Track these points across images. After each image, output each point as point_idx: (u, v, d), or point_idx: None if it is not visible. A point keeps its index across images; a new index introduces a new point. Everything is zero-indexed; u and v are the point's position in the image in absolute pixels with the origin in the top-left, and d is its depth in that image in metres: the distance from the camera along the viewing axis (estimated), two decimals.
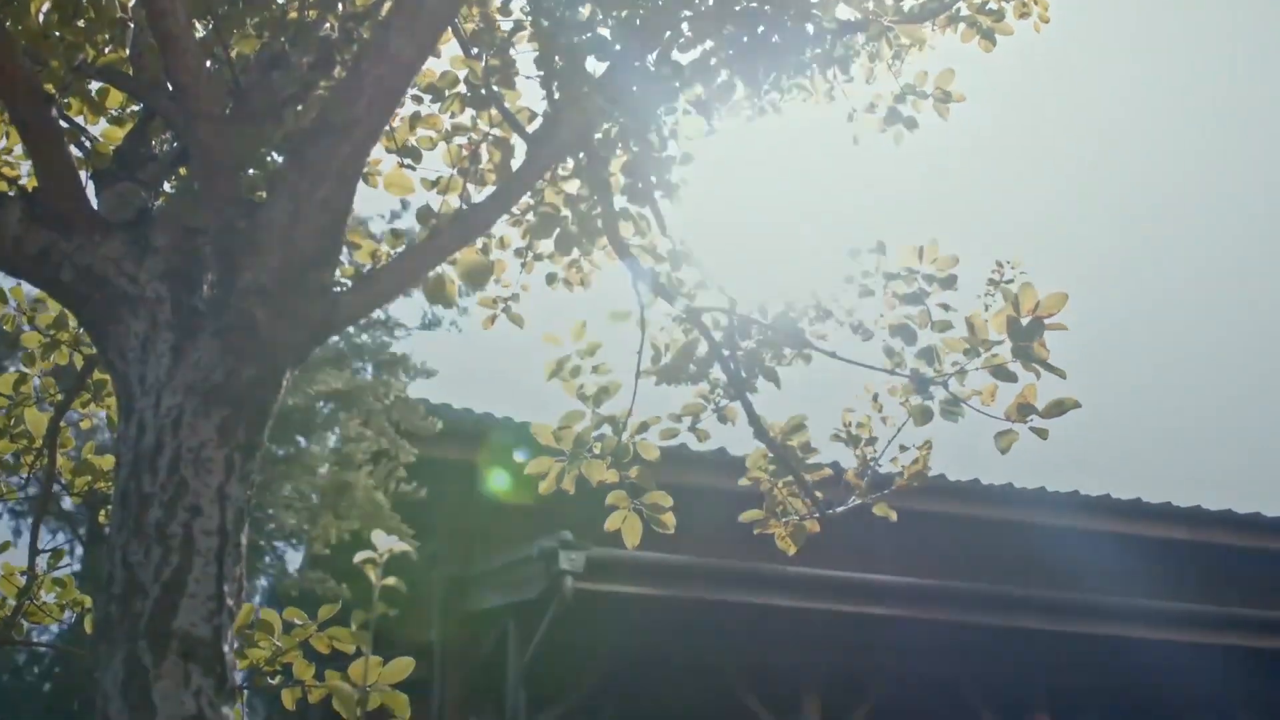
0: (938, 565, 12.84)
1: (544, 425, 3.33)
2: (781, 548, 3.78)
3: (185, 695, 1.66)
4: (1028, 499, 13.34)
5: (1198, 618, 11.45)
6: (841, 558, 11.83)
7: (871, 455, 3.58)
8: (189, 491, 1.80)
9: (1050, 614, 10.89)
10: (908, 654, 11.03)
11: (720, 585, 9.77)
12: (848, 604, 10.13)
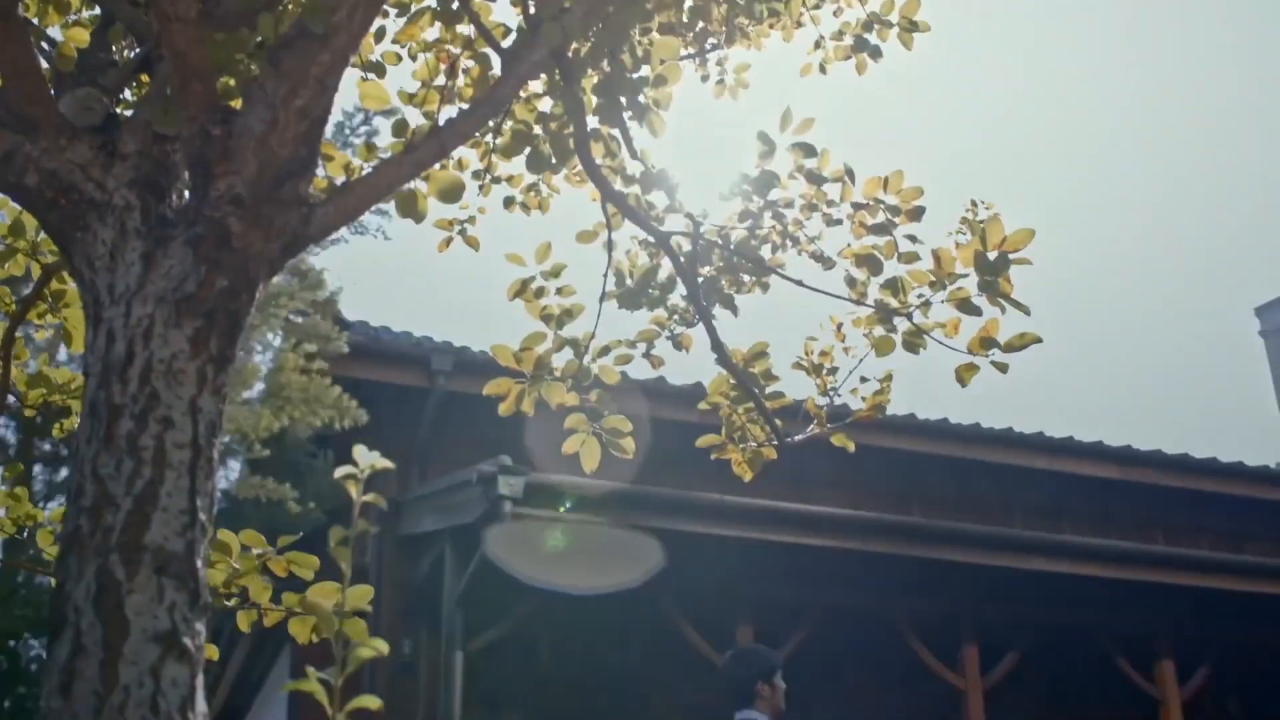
0: (872, 498, 12.96)
1: (504, 346, 3.29)
2: (738, 474, 3.78)
3: (159, 610, 1.63)
4: (963, 434, 13.47)
5: (1124, 554, 11.62)
6: (778, 488, 11.92)
7: (832, 385, 3.58)
8: (161, 403, 1.76)
9: (981, 548, 11.01)
10: (842, 584, 11.13)
11: (657, 512, 9.79)
12: (784, 534, 10.19)
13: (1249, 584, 12.00)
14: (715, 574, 10.71)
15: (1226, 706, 14.49)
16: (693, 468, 12.19)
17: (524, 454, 9.76)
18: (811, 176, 3.30)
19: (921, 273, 3.20)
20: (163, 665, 1.58)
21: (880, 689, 13.26)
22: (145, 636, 1.59)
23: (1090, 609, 12.14)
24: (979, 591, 11.63)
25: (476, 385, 11.78)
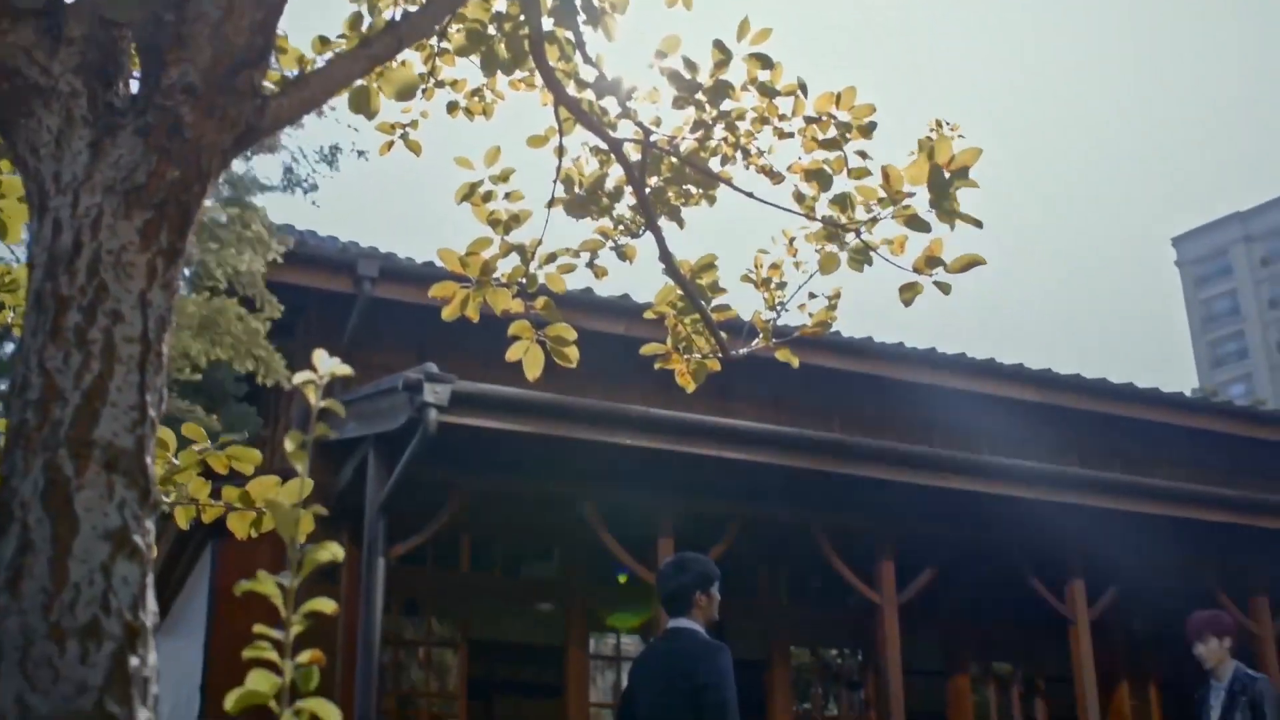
0: (795, 414, 13.04)
1: (450, 250, 3.24)
2: (681, 384, 3.76)
3: (109, 507, 1.59)
4: (886, 354, 13.56)
5: (1040, 476, 11.77)
6: (702, 402, 11.96)
7: (780, 300, 3.56)
8: (109, 296, 1.71)
9: (901, 466, 11.12)
10: (763, 498, 11.22)
11: (582, 423, 9.79)
12: (707, 447, 10.23)
13: (1159, 507, 12.23)
14: (638, 485, 10.75)
15: (1132, 626, 14.81)
16: (618, 380, 12.22)
17: (448, 362, 9.71)
18: (764, 89, 3.26)
19: (870, 189, 3.18)
20: (113, 563, 1.55)
21: (798, 603, 13.43)
22: (95, 534, 1.55)
23: (1005, 529, 12.31)
24: (897, 509, 11.76)
25: (403, 292, 11.71)
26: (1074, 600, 12.39)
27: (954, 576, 13.40)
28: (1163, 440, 15.30)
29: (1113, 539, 12.77)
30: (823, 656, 13.96)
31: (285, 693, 1.56)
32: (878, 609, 11.50)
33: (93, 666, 1.46)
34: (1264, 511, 12.85)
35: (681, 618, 6.26)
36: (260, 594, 1.60)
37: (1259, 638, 13.23)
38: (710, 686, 5.90)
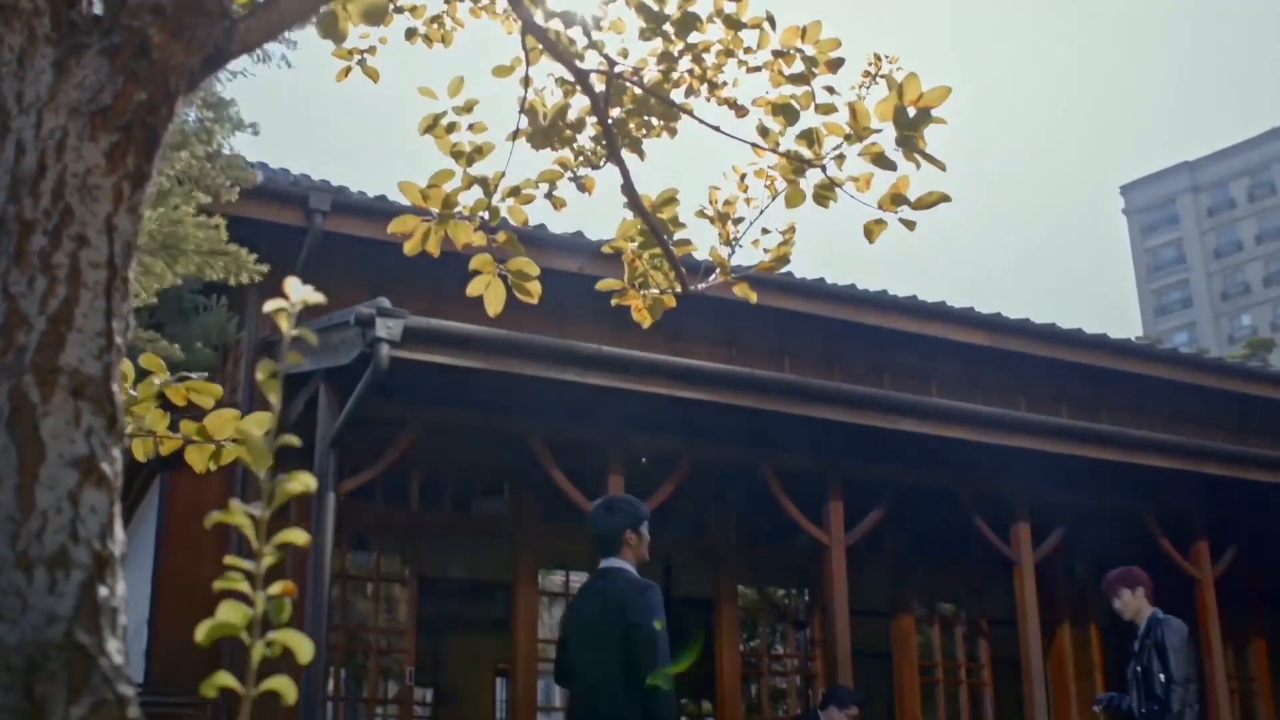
0: (745, 354, 13.06)
1: (411, 183, 3.19)
2: (637, 319, 3.74)
3: (76, 434, 1.56)
4: (837, 295, 13.59)
5: (988, 419, 11.86)
6: (653, 341, 11.95)
7: (735, 235, 3.55)
8: (75, 220, 1.67)
9: (850, 406, 11.16)
10: (712, 437, 11.25)
11: (534, 359, 9.77)
12: (658, 385, 10.23)
13: (1103, 452, 12.34)
14: (589, 422, 10.76)
15: (1075, 568, 14.98)
16: (571, 317, 12.20)
17: (400, 297, 9.66)
18: (731, 21, 3.23)
19: (837, 125, 3.16)
20: (81, 491, 1.52)
21: (746, 542, 13.50)
22: (62, 461, 1.52)
23: (953, 471, 12.41)
24: (846, 450, 11.82)
25: (354, 226, 11.61)
26: (1019, 542, 12.52)
27: (901, 518, 13.51)
28: (1108, 386, 15.43)
29: (1058, 482, 12.90)
30: (770, 596, 14.06)
31: (257, 624, 1.54)
32: (825, 549, 11.57)
33: (61, 596, 1.44)
34: (1205, 457, 13.01)
35: (613, 557, 6.35)
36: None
37: (1199, 581, 13.42)
38: (640, 624, 5.97)
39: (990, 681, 14.27)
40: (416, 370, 9.43)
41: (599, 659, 6.11)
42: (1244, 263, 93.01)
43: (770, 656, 13.92)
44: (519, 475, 11.93)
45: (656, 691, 5.92)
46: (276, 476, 1.66)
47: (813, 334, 13.67)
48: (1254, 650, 15.85)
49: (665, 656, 6.04)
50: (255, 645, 1.53)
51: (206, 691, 1.52)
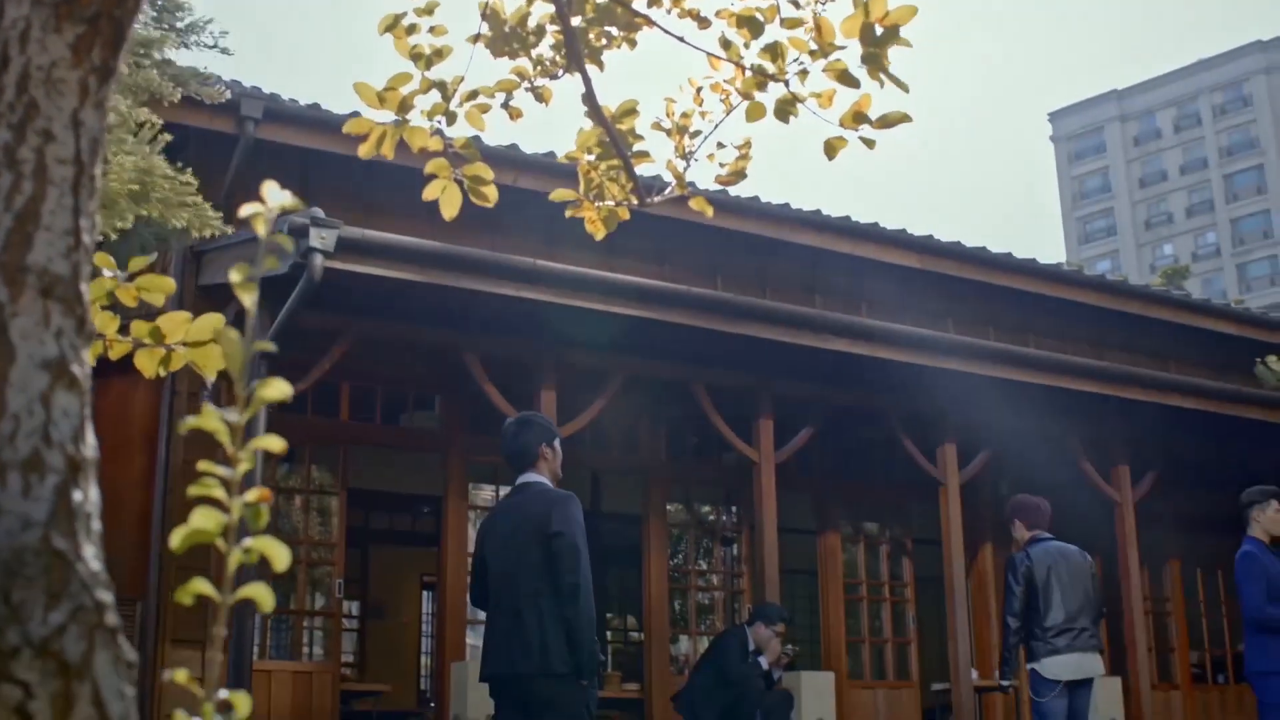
0: (678, 271, 13.05)
1: (367, 85, 3.13)
2: (590, 231, 3.71)
3: (46, 336, 1.52)
4: (771, 214, 13.57)
5: (918, 340, 11.93)
6: (586, 256, 11.91)
7: (690, 149, 3.52)
8: (40, 114, 1.62)
9: (782, 325, 11.18)
10: (644, 353, 11.26)
11: (468, 272, 9.69)
12: (591, 300, 10.20)
13: (1029, 375, 12.47)
14: (522, 337, 10.73)
15: (999, 490, 15.17)
16: (504, 231, 12.11)
17: (333, 208, 9.54)
18: None
19: (801, 40, 3.13)
20: (53, 394, 1.48)
21: (675, 458, 13.56)
22: (33, 363, 1.48)
23: (882, 391, 12.50)
24: (777, 368, 11.87)
25: (287, 135, 11.43)
26: (945, 463, 12.66)
27: (830, 437, 13.62)
28: (1036, 310, 15.57)
29: (985, 405, 13.03)
30: (697, 512, 14.15)
31: (233, 531, 1.52)
32: (755, 466, 11.65)
33: (36, 500, 1.40)
34: (1129, 383, 13.18)
35: (529, 472, 6.40)
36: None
37: (1119, 505, 13.64)
38: (562, 533, 6.03)
39: (913, 599, 14.48)
40: (350, 281, 9.35)
41: (520, 572, 6.13)
42: (1168, 193, 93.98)
43: (697, 572, 14.04)
44: (451, 389, 11.89)
45: (576, 599, 5.97)
46: (271, 379, 1.62)
47: (745, 252, 13.66)
48: (1169, 572, 16.17)
49: (587, 566, 6.09)
50: (232, 552, 1.50)
51: (182, 598, 1.50)
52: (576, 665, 5.98)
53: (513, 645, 6.07)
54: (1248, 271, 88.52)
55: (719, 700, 10.37)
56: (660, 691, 12.39)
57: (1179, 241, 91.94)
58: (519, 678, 6.06)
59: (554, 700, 5.98)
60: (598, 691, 6.30)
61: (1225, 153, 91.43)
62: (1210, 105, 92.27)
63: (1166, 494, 15.92)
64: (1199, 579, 16.73)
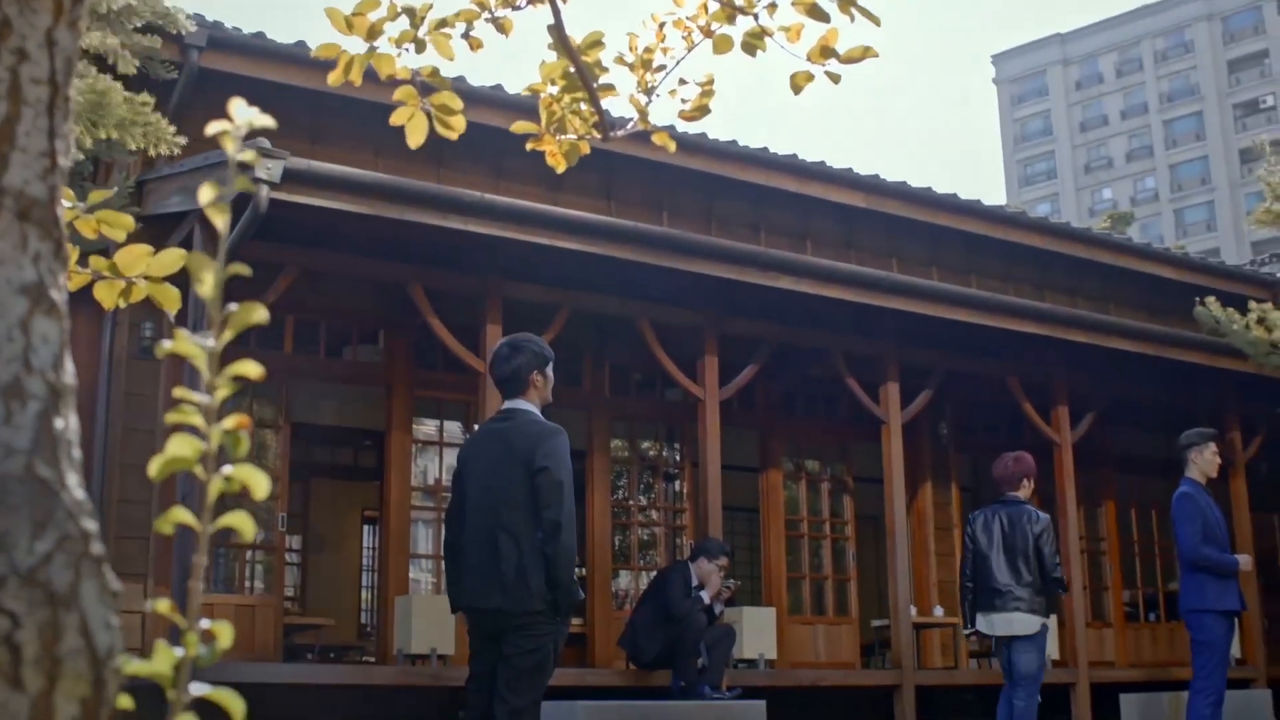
0: (624, 206, 13.01)
1: (336, 10, 3.08)
2: (551, 164, 3.67)
3: (24, 260, 1.48)
4: (718, 151, 13.53)
5: (863, 279, 11.96)
6: (533, 190, 11.85)
7: (653, 84, 3.49)
8: (14, 32, 1.57)
9: (728, 262, 11.19)
10: (590, 288, 11.24)
11: (415, 205, 9.62)
12: (538, 234, 10.15)
13: (974, 315, 12.55)
14: (467, 270, 10.68)
15: (939, 429, 15.30)
16: (451, 164, 12.03)
17: (278, 140, 9.41)
18: None
19: None
20: (31, 319, 1.45)
21: (620, 393, 13.57)
22: (11, 288, 1.45)
23: (826, 329, 12.55)
24: (723, 305, 11.89)
25: (231, 64, 11.25)
26: (887, 402, 12.74)
27: (774, 374, 13.67)
28: (979, 251, 15.64)
29: (928, 344, 13.12)
30: (640, 448, 14.18)
31: (211, 458, 1.50)
32: (699, 403, 11.68)
33: (18, 428, 1.37)
34: (1069, 324, 13.30)
35: (518, 399, 6.32)
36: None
37: (1058, 445, 13.79)
38: (548, 468, 5.98)
39: (853, 536, 14.60)
40: (295, 213, 9.25)
41: (501, 503, 6.07)
42: (1108, 137, 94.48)
43: (638, 508, 14.09)
44: (395, 323, 11.84)
45: (558, 534, 5.94)
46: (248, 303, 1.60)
47: (691, 189, 13.63)
48: (1105, 512, 16.38)
49: (571, 503, 6.05)
50: (212, 480, 1.48)
51: (162, 528, 1.48)
52: (554, 603, 5.94)
53: (489, 579, 5.99)
54: (1185, 217, 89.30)
55: (662, 635, 10.44)
56: (603, 626, 12.46)
57: (1118, 186, 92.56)
58: (495, 612, 6.02)
59: (526, 633, 5.94)
60: (567, 629, 6.29)
61: (1166, 98, 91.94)
62: (1152, 51, 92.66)
63: (1105, 435, 16.13)
64: (1133, 519, 16.96)
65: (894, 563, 12.49)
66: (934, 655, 14.68)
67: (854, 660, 14.14)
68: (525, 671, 5.92)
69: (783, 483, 14.20)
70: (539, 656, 5.94)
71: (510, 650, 5.94)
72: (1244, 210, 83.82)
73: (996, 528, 9.53)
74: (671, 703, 9.72)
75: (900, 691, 11.95)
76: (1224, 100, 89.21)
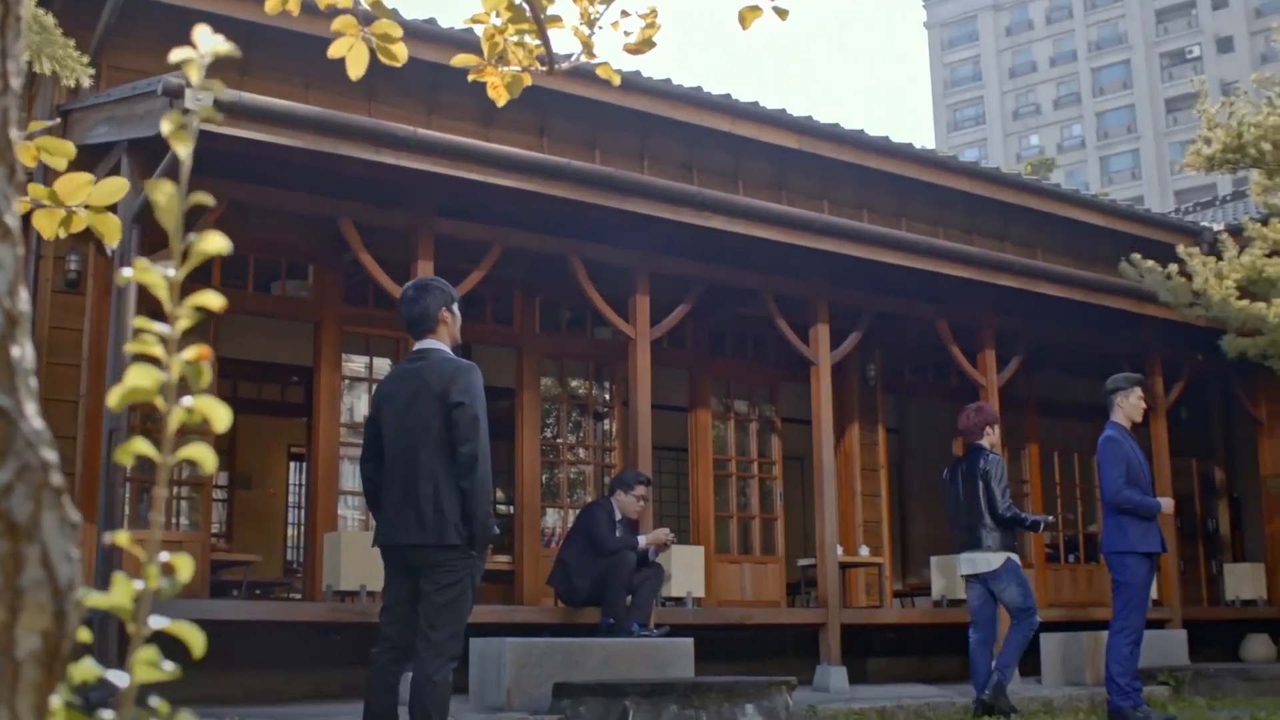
0: (557, 144, 12.94)
1: None
2: (493, 97, 3.64)
3: None
4: (651, 89, 13.48)
5: (794, 220, 11.97)
6: (465, 127, 11.76)
7: (595, 15, 3.46)
8: None
9: (660, 200, 11.15)
10: (522, 225, 11.19)
11: (348, 139, 9.50)
12: (470, 170, 10.07)
13: (904, 258, 12.60)
14: (399, 206, 10.60)
15: (867, 370, 15.41)
16: (383, 98, 11.90)
17: (207, 70, 9.24)
18: None
19: None
20: None
21: (551, 331, 13.55)
22: None
23: (758, 270, 12.57)
24: (655, 244, 11.87)
25: None
26: (817, 343, 12.79)
27: (705, 314, 13.69)
28: (910, 194, 15.71)
29: (858, 286, 13.18)
30: (570, 387, 14.18)
31: (172, 390, 1.47)
32: (630, 343, 11.67)
33: None
34: (998, 269, 13.38)
35: (428, 339, 6.38)
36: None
37: (984, 388, 13.92)
38: (463, 404, 6.04)
39: (780, 476, 14.69)
40: (225, 146, 9.12)
41: (418, 441, 6.14)
42: (1036, 84, 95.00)
43: (568, 446, 14.10)
44: (325, 258, 11.73)
45: (474, 468, 6.00)
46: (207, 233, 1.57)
47: (625, 127, 13.58)
48: (1028, 455, 16.58)
49: (485, 438, 6.11)
50: (173, 411, 1.46)
51: (122, 458, 1.46)
52: (469, 537, 6.03)
53: (406, 515, 6.11)
54: (1110, 165, 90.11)
55: (591, 570, 10.49)
56: (531, 564, 12.48)
57: (1045, 133, 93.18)
58: (412, 547, 6.10)
59: (443, 569, 6.03)
60: (485, 563, 6.36)
61: (1094, 46, 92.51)
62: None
63: (1030, 379, 16.32)
64: (1056, 462, 17.19)
65: (821, 503, 12.58)
66: (859, 594, 14.85)
67: (780, 599, 14.27)
68: (444, 606, 6.02)
69: (711, 422, 14.26)
70: (457, 591, 6.05)
71: (429, 586, 6.04)
72: (1168, 159, 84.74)
73: (959, 475, 10.29)
74: (599, 640, 9.77)
75: (825, 629, 12.07)
76: (1151, 49, 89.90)
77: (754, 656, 13.82)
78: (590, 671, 9.26)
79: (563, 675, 9.03)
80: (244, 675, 10.51)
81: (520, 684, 9.03)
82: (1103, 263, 16.25)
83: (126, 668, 1.37)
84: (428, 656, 5.98)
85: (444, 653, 6.00)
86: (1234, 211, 18.86)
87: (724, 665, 12.59)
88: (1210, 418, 18.75)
